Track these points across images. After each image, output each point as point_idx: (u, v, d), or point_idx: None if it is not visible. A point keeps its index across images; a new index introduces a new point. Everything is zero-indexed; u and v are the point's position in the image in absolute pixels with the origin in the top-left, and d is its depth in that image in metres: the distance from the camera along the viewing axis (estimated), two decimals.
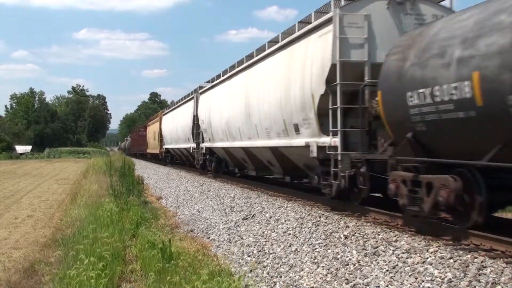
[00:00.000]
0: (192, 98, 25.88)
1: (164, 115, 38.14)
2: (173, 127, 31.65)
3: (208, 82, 23.20)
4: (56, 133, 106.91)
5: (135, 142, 67.91)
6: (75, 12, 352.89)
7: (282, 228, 9.95)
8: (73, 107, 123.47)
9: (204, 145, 22.01)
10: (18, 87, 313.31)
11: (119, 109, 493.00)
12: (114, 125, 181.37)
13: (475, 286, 5.30)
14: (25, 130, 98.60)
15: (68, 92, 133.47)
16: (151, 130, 46.21)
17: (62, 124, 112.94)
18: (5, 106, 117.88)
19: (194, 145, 24.48)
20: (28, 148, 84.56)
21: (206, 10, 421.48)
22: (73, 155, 78.33)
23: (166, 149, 36.42)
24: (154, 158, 45.74)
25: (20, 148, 79.81)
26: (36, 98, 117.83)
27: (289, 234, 9.43)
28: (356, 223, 8.62)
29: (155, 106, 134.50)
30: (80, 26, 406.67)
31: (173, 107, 33.93)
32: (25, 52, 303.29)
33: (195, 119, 23.90)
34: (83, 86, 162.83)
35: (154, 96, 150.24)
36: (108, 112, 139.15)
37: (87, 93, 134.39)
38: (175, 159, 35.74)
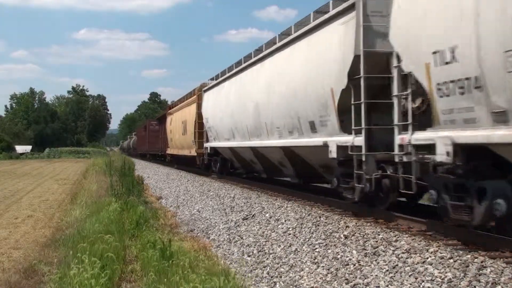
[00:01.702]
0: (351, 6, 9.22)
1: (207, 90, 21.98)
2: (238, 106, 16.30)
3: None
4: (56, 133, 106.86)
5: (144, 140, 53.59)
6: (74, 12, 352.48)
7: (282, 228, 9.95)
8: (73, 107, 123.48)
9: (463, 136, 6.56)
10: (18, 87, 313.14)
11: (119, 109, 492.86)
12: (114, 125, 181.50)
13: (475, 286, 5.30)
14: (25, 130, 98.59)
15: (68, 92, 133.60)
16: (176, 119, 29.96)
17: (62, 124, 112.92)
18: (5, 106, 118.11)
19: (347, 138, 9.46)
20: (28, 148, 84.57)
21: (206, 10, 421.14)
22: (73, 155, 78.38)
23: (213, 149, 20.92)
24: (182, 163, 30.31)
25: (20, 148, 79.81)
26: (36, 98, 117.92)
27: (289, 234, 9.43)
28: (356, 223, 8.62)
29: (155, 106, 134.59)
30: (80, 26, 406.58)
31: (237, 68, 17.34)
32: (25, 52, 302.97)
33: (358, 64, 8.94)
34: (83, 86, 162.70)
35: (154, 96, 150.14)
36: (108, 112, 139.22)
37: (87, 93, 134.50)
38: (229, 166, 20.46)
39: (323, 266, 7.43)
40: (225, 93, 18.44)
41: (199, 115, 22.70)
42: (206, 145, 21.99)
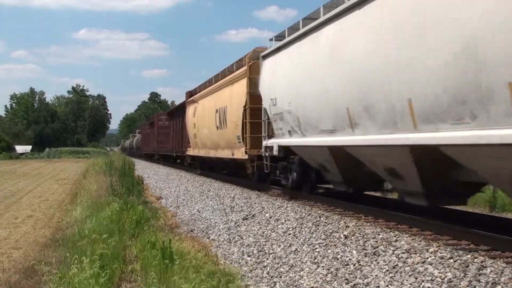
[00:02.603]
0: None
1: (270, 55, 13.52)
2: (387, 59, 7.64)
3: None
4: (56, 133, 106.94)
5: (150, 139, 46.68)
6: (74, 12, 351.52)
7: (282, 228, 9.95)
8: (73, 107, 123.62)
9: None
10: (18, 87, 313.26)
11: (119, 109, 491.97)
12: (114, 125, 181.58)
13: (475, 286, 5.30)
14: (25, 130, 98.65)
15: (68, 92, 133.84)
16: (205, 108, 21.51)
17: (62, 124, 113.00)
18: (5, 106, 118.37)
19: None
20: (28, 148, 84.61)
21: (206, 10, 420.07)
22: (73, 155, 78.43)
23: (283, 148, 12.84)
24: (212, 168, 22.96)
25: (20, 148, 79.87)
26: (36, 98, 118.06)
27: (289, 234, 9.43)
28: (356, 223, 8.63)
29: (155, 106, 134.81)
30: (80, 26, 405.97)
31: None
32: (25, 52, 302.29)
33: None
34: (83, 86, 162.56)
35: (154, 96, 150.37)
36: (108, 112, 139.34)
37: (87, 93, 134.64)
38: (314, 177, 12.35)
39: (323, 266, 7.43)
40: (328, 46, 9.70)
41: (253, 97, 14.67)
42: (269, 142, 13.55)
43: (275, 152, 13.10)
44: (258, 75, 14.28)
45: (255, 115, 14.72)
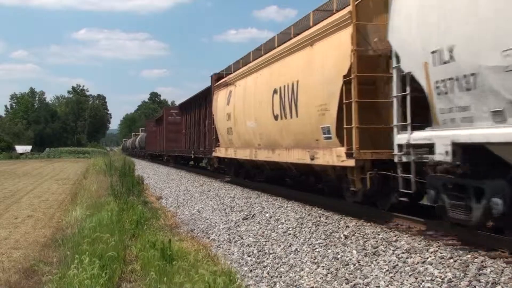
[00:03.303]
0: None
1: None
2: None
3: None
4: (56, 133, 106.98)
5: (157, 137, 41.90)
6: (74, 12, 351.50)
7: (282, 228, 9.95)
8: (73, 107, 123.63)
9: None
10: (18, 87, 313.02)
11: (119, 109, 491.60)
12: (114, 125, 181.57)
13: (475, 286, 5.30)
14: (25, 130, 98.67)
15: (68, 92, 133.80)
16: (246, 92, 15.31)
17: (62, 124, 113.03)
18: (5, 106, 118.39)
19: None
20: (28, 148, 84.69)
21: (206, 10, 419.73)
22: (73, 155, 78.50)
23: None
24: (251, 177, 17.03)
25: (20, 148, 79.97)
26: (36, 98, 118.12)
27: (289, 234, 9.43)
28: (356, 223, 8.63)
29: (155, 106, 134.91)
30: (80, 26, 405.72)
31: None
32: (24, 52, 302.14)
33: None
34: (83, 86, 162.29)
35: (154, 96, 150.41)
36: (108, 112, 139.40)
37: (87, 93, 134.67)
38: None
39: (323, 266, 7.43)
40: None
41: (365, 59, 8.74)
42: (418, 136, 7.07)
43: (442, 155, 6.50)
44: (370, 21, 8.79)
45: (367, 92, 8.76)
